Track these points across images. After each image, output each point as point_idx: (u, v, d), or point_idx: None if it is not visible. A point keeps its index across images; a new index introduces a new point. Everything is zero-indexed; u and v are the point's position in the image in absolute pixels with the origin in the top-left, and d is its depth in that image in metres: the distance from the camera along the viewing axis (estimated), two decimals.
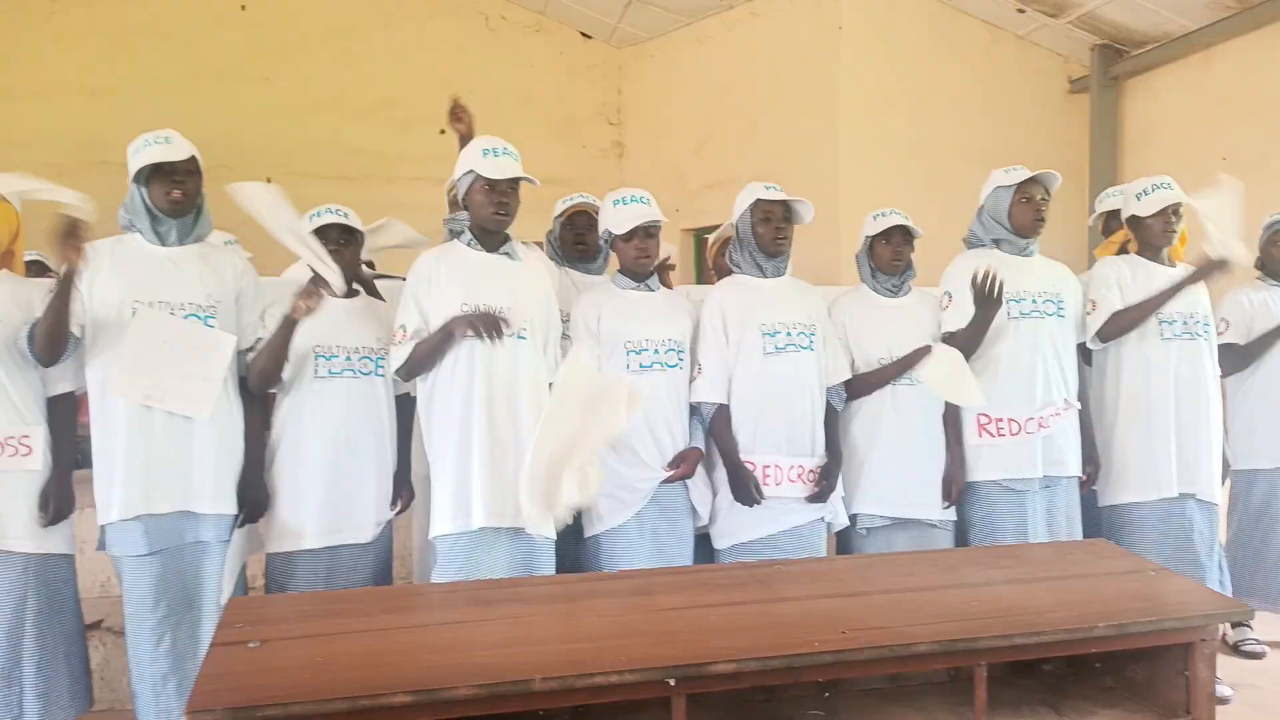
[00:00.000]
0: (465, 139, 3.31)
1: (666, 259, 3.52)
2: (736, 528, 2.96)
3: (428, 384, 2.71)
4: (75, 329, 2.54)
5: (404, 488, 2.92)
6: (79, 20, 6.40)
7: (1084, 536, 3.18)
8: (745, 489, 2.90)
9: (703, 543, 3.05)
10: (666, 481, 2.89)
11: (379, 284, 3.24)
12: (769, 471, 2.93)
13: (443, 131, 6.90)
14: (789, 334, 2.96)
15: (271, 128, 6.56)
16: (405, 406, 2.88)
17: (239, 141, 6.09)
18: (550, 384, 2.81)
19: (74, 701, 2.69)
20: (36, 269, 4.06)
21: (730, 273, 3.13)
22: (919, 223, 3.14)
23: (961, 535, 3.20)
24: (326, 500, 2.73)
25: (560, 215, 3.24)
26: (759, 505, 2.92)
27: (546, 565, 2.74)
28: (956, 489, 3.11)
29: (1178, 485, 3.18)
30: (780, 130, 6.36)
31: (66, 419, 2.65)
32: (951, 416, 3.14)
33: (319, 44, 6.79)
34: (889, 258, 3.14)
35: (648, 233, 2.91)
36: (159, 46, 6.45)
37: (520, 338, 2.70)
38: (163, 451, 2.55)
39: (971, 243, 3.27)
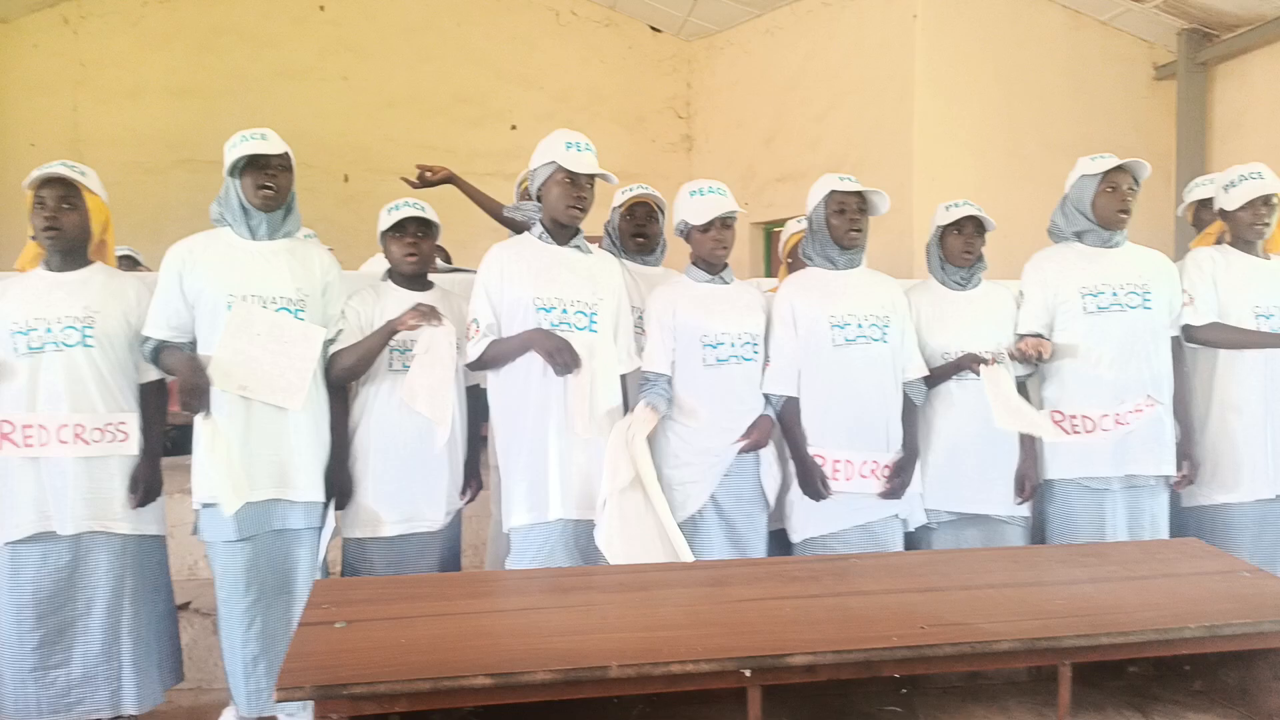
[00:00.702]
0: (451, 180, 3.35)
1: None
2: (808, 521, 2.94)
3: (500, 377, 2.75)
4: (170, 334, 2.66)
5: (473, 477, 2.98)
6: (166, 23, 6.63)
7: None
8: (812, 482, 2.88)
9: (775, 538, 3.04)
10: (742, 451, 2.87)
11: (453, 276, 3.30)
12: (839, 466, 2.90)
13: (514, 127, 7.05)
14: (860, 325, 2.92)
15: (349, 125, 6.72)
16: (474, 397, 2.94)
17: (319, 139, 6.26)
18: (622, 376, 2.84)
19: (166, 677, 2.80)
20: (127, 264, 4.24)
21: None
22: (997, 215, 3.07)
23: (1038, 532, 3.12)
24: (401, 489, 2.79)
25: (619, 206, 3.25)
26: (830, 499, 2.89)
27: None
28: (1030, 485, 3.03)
29: (1275, 485, 3.05)
30: (852, 122, 6.28)
31: (157, 405, 2.75)
32: None
33: (395, 42, 6.92)
34: (960, 249, 3.07)
35: (724, 224, 2.90)
36: (241, 48, 6.65)
37: (592, 330, 2.72)
38: (258, 440, 2.64)
39: (1055, 235, 3.18)
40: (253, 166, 2.65)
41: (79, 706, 2.63)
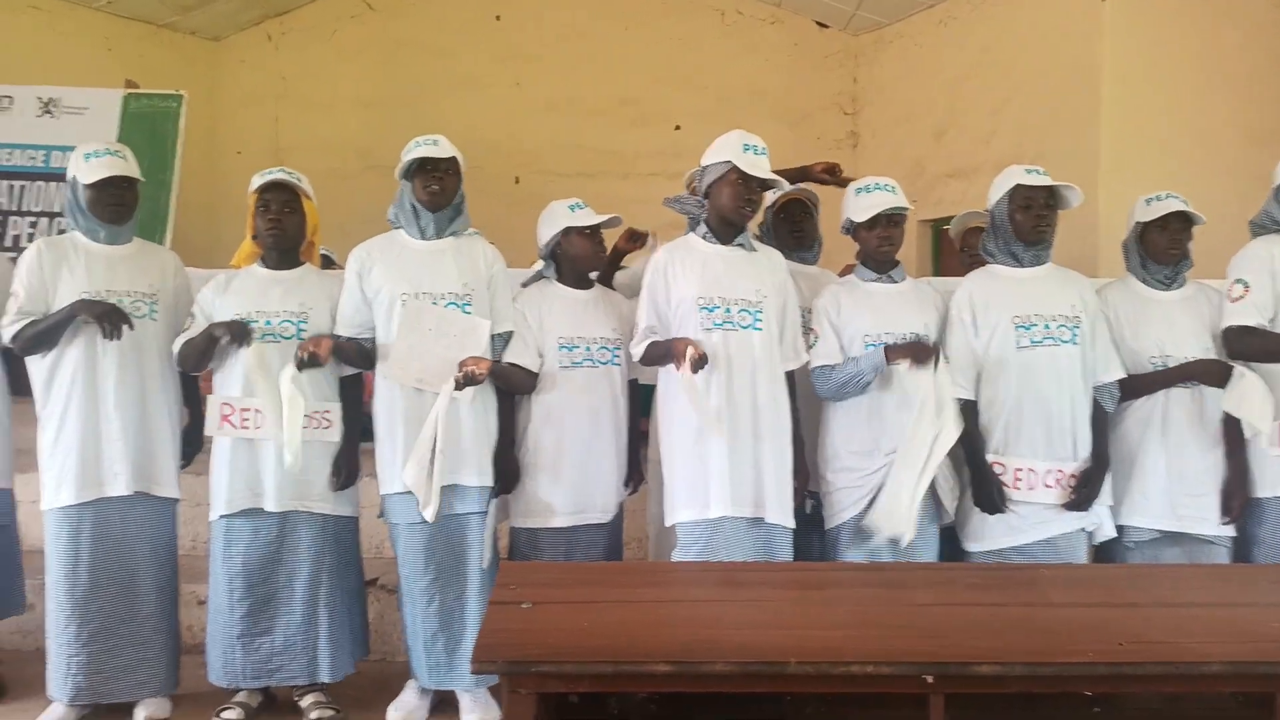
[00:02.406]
0: (800, 174, 3.33)
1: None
2: (986, 533, 2.83)
3: (666, 374, 2.78)
4: (353, 331, 2.84)
5: (635, 470, 3.03)
6: (357, 38, 7.07)
7: None
8: (987, 493, 2.77)
9: (944, 538, 2.94)
10: None
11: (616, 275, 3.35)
12: (1021, 475, 2.77)
13: (678, 128, 7.10)
14: (1046, 326, 2.79)
15: (520, 129, 6.96)
16: (633, 391, 3.00)
17: (491, 143, 6.51)
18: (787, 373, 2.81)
19: (356, 649, 2.99)
20: (324, 263, 4.54)
21: (972, 267, 3.01)
22: (1194, 208, 2.86)
23: (1243, 554, 2.87)
24: (571, 482, 2.88)
25: (773, 206, 3.23)
26: (1009, 511, 2.77)
27: (785, 554, 2.75)
28: (1238, 504, 2.80)
29: None
30: (1031, 114, 5.99)
31: (355, 396, 2.94)
32: (1233, 423, 2.83)
33: (563, 48, 7.11)
34: (1164, 246, 2.87)
35: (891, 220, 2.84)
36: (423, 58, 7.00)
37: (756, 328, 2.72)
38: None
39: (1265, 225, 2.93)
40: (422, 169, 2.81)
41: (279, 674, 2.84)
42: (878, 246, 2.85)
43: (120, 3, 6.29)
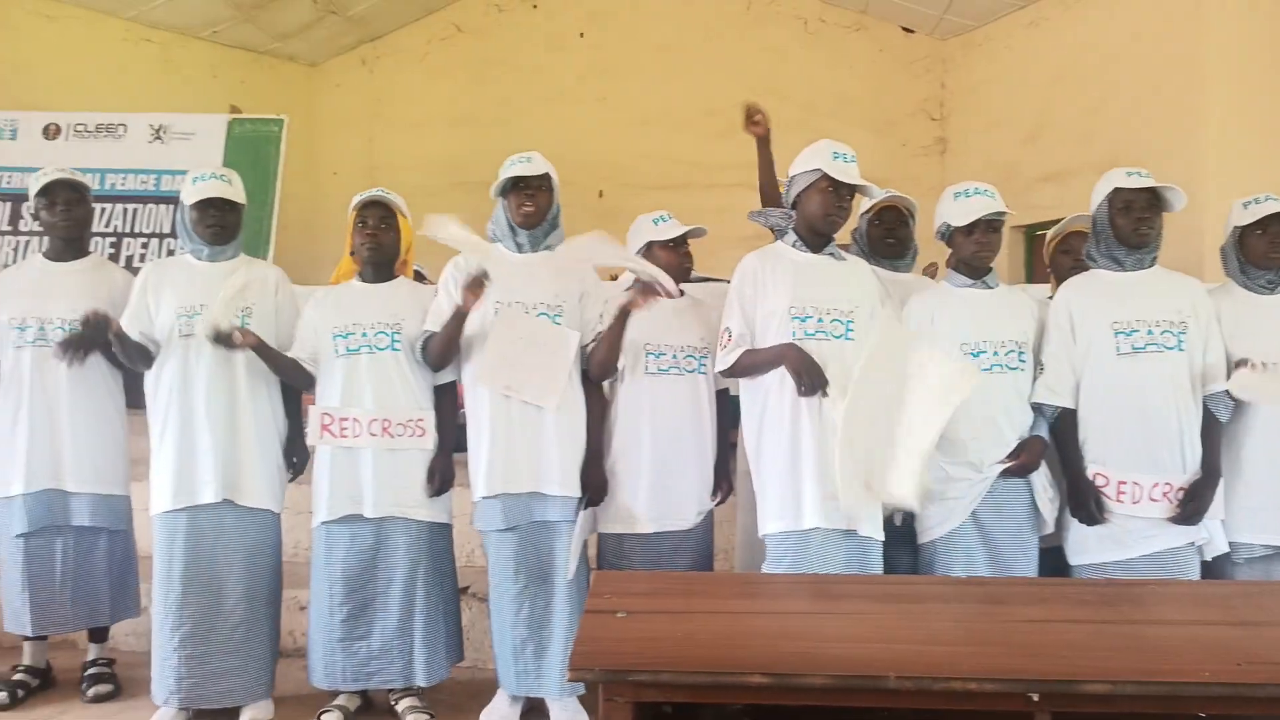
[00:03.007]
0: (764, 140, 3.36)
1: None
2: (1088, 546, 2.74)
3: (753, 384, 2.78)
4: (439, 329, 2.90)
5: (724, 480, 3.03)
6: (446, 59, 7.27)
7: None
8: (1084, 505, 2.69)
9: (1046, 557, 2.85)
10: (1006, 474, 2.72)
11: (705, 286, 3.37)
12: (1125, 488, 2.68)
13: None
14: (1150, 332, 2.70)
15: (606, 143, 7.04)
16: (723, 402, 3.00)
17: (578, 157, 6.57)
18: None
19: (450, 655, 3.05)
20: (416, 278, 4.66)
21: (1070, 271, 2.94)
22: None
23: None
24: (654, 488, 2.90)
25: (867, 212, 3.19)
26: (1117, 523, 2.68)
27: (876, 567, 2.71)
28: None
29: None
30: (1129, 115, 5.80)
31: (450, 405, 3.01)
32: None
33: (648, 62, 7.18)
34: (1264, 250, 2.76)
35: (990, 226, 2.79)
36: (510, 76, 7.15)
37: (848, 338, 2.69)
38: (519, 437, 2.84)
39: None
40: (516, 187, 2.89)
41: (376, 677, 2.92)
42: (976, 252, 2.80)
43: (224, 32, 6.60)
